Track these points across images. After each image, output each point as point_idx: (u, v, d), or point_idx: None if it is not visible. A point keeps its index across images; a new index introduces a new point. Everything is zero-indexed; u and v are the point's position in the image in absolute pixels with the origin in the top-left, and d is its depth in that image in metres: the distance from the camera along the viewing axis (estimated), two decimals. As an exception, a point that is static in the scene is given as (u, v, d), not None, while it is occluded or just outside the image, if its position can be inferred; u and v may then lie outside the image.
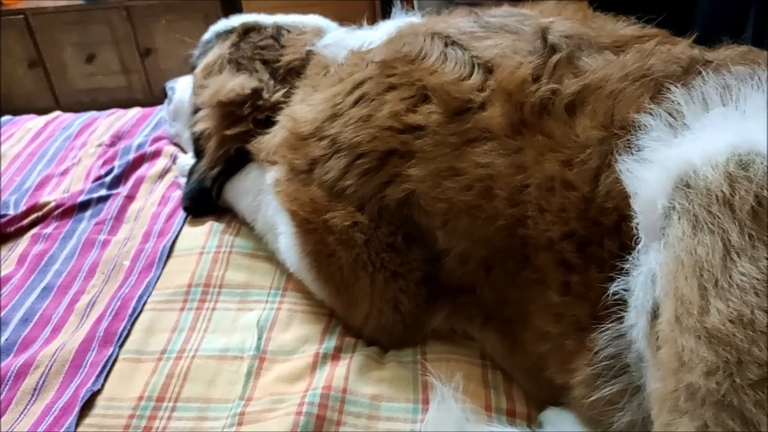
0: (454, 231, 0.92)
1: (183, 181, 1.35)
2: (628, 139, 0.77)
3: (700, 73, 0.78)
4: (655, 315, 0.68)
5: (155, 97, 3.25)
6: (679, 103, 0.74)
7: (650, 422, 0.68)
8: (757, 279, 0.59)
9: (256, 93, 1.20)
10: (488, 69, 0.91)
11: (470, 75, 0.92)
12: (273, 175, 1.10)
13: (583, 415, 0.81)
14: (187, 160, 1.38)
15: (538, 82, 0.86)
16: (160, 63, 3.40)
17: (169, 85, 1.51)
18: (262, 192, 1.17)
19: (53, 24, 3.38)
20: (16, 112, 1.82)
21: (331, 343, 1.02)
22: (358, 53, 1.11)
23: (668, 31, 0.95)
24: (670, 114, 0.74)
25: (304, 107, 1.10)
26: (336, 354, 1.00)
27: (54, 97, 3.53)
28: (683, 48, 0.88)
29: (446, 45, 0.97)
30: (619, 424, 0.76)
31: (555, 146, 0.83)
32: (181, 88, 1.47)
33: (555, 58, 0.88)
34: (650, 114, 0.76)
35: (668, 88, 0.78)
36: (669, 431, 0.62)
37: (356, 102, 1.01)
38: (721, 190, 0.63)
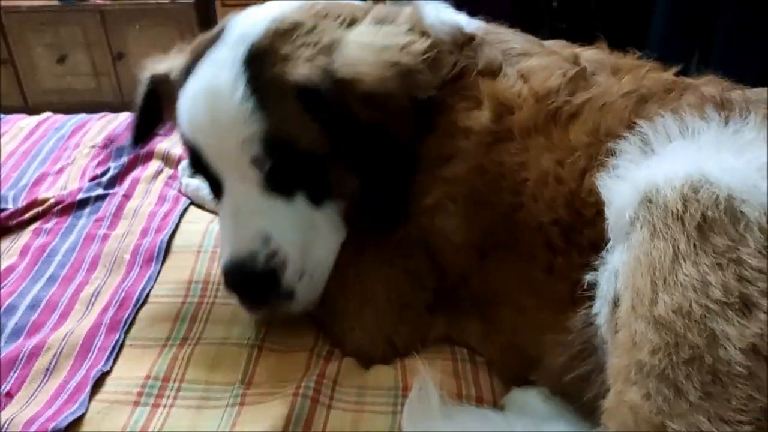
0: (467, 224, 1.04)
1: (188, 181, 1.44)
2: (611, 147, 0.93)
3: (678, 93, 0.98)
4: (616, 304, 0.83)
5: (125, 101, 3.30)
6: (648, 133, 0.91)
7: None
8: (697, 279, 0.74)
9: None
10: (525, 78, 1.06)
11: (514, 83, 1.06)
12: None
13: (555, 390, 0.95)
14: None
15: (558, 93, 1.03)
16: (132, 67, 3.45)
17: None
18: None
19: (26, 23, 3.41)
20: (-15, 109, 1.87)
21: (325, 345, 1.12)
22: None
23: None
24: (642, 140, 0.91)
25: None
26: (328, 356, 1.10)
27: (23, 96, 3.55)
28: (668, 75, 1.06)
29: (508, 63, 1.10)
30: (586, 397, 0.91)
31: (552, 147, 0.99)
32: None
33: (573, 72, 1.05)
34: (630, 134, 0.93)
35: (649, 106, 0.96)
36: (621, 399, 0.77)
37: None
38: (676, 207, 0.79)
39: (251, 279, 1.04)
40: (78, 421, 0.98)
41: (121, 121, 1.74)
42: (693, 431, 0.69)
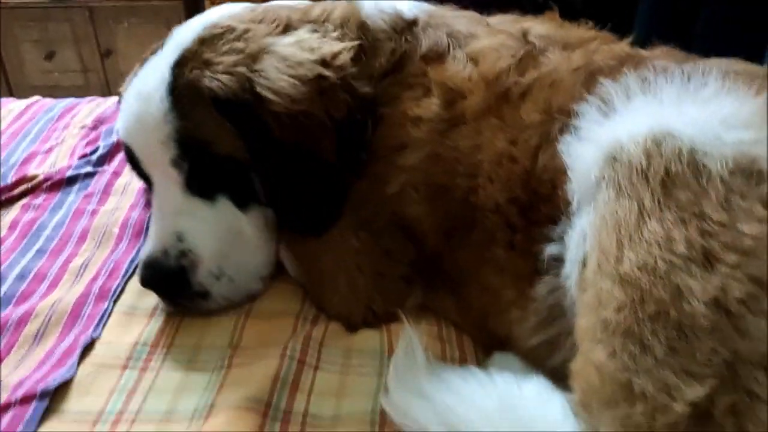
0: (431, 210, 1.06)
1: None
2: (564, 123, 0.94)
3: (632, 66, 0.97)
4: (584, 265, 0.85)
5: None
6: (609, 92, 0.92)
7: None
8: (661, 235, 0.76)
9: None
10: (475, 62, 1.07)
11: (463, 68, 1.07)
12: None
13: (525, 356, 0.97)
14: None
15: (508, 74, 1.03)
16: (120, 65, 3.45)
17: None
18: None
19: (14, 18, 3.41)
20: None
21: (311, 309, 1.13)
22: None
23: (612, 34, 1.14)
24: (602, 101, 0.92)
25: None
26: (314, 319, 1.12)
27: (9, 92, 3.54)
28: (621, 47, 1.07)
29: (454, 47, 1.11)
30: (554, 361, 0.92)
31: (504, 127, 1.00)
32: None
33: (522, 52, 1.05)
34: (586, 101, 0.93)
35: (600, 80, 0.95)
36: (587, 358, 0.78)
37: None
38: (640, 163, 0.80)
39: (161, 276, 1.07)
40: (67, 383, 0.98)
41: (111, 104, 1.75)
42: (659, 387, 0.71)
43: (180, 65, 1.06)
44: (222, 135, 1.05)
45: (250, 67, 1.04)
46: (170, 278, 1.07)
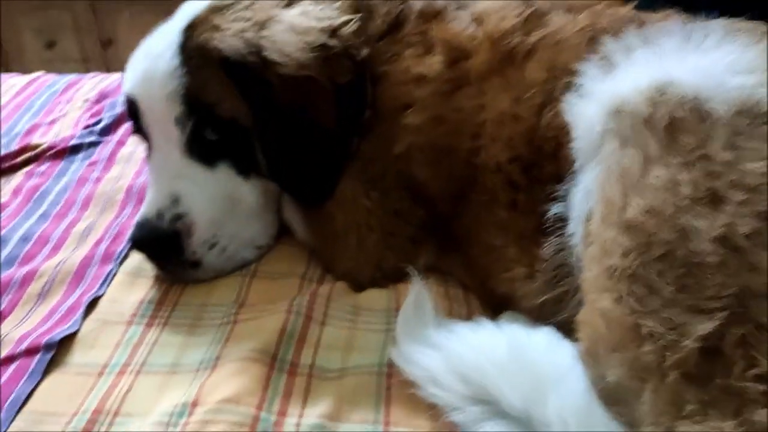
0: (436, 172, 1.06)
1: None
2: (567, 81, 0.94)
3: (635, 27, 0.97)
4: (588, 220, 0.84)
5: (114, 86, 3.29)
6: (610, 50, 0.92)
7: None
8: (667, 179, 0.75)
9: None
10: (479, 21, 1.07)
11: (468, 27, 1.07)
12: None
13: (530, 314, 0.97)
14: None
15: (513, 34, 1.03)
16: (121, 55, 3.45)
17: None
18: None
19: (15, 6, 3.40)
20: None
21: (316, 270, 1.13)
22: None
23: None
24: (602, 58, 0.92)
25: None
26: (320, 279, 1.11)
27: (10, 80, 3.54)
28: (626, 11, 1.07)
29: (456, 7, 1.11)
30: (560, 318, 0.92)
31: (508, 87, 1.00)
32: None
33: (528, 13, 1.05)
34: (587, 60, 0.93)
35: (602, 39, 0.95)
36: (593, 308, 0.78)
37: None
38: (644, 112, 0.80)
39: (154, 238, 1.07)
40: (71, 337, 0.98)
41: (114, 79, 1.75)
42: (667, 326, 0.70)
43: (190, 29, 1.08)
44: (227, 97, 1.06)
45: (258, 33, 1.06)
46: (163, 241, 1.06)
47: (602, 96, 0.87)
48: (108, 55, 3.52)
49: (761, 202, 0.70)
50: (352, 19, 1.09)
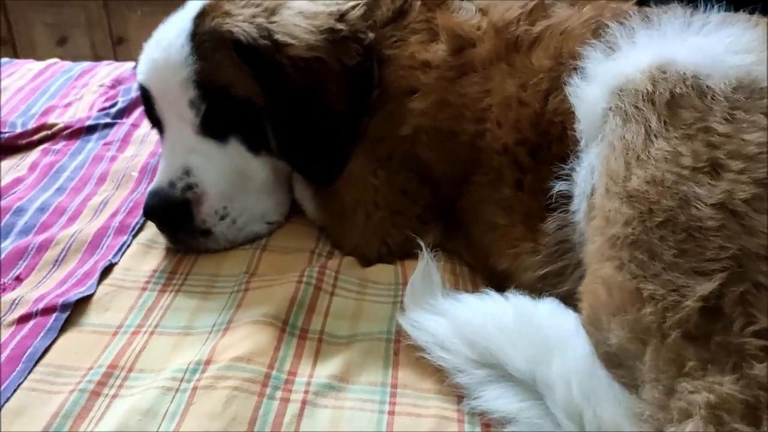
0: (441, 155, 1.09)
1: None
2: (573, 67, 0.98)
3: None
4: (592, 195, 0.87)
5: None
6: (612, 33, 0.96)
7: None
8: (668, 151, 0.79)
9: None
10: (484, 12, 1.11)
11: (473, 17, 1.11)
12: None
13: (531, 288, 0.99)
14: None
15: (518, 24, 1.07)
16: (132, 53, 3.48)
17: None
18: None
19: (27, 2, 3.44)
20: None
21: (325, 246, 1.16)
22: None
23: None
24: (606, 42, 0.96)
25: None
26: (329, 255, 1.15)
27: (21, 75, 3.57)
28: (629, 6, 1.10)
29: None
30: (560, 291, 0.94)
31: (514, 73, 1.04)
32: None
33: (532, 5, 1.09)
34: (591, 46, 0.97)
35: (607, 27, 0.99)
36: (595, 276, 0.80)
37: None
38: (646, 88, 0.84)
39: (165, 205, 1.10)
40: (87, 300, 1.01)
41: (128, 67, 1.78)
42: (668, 288, 0.72)
43: (201, 16, 1.13)
44: (240, 78, 1.10)
45: (269, 18, 1.11)
46: (174, 209, 1.09)
47: (605, 77, 0.91)
48: (119, 53, 3.56)
49: (759, 170, 0.74)
50: (358, 4, 1.15)
